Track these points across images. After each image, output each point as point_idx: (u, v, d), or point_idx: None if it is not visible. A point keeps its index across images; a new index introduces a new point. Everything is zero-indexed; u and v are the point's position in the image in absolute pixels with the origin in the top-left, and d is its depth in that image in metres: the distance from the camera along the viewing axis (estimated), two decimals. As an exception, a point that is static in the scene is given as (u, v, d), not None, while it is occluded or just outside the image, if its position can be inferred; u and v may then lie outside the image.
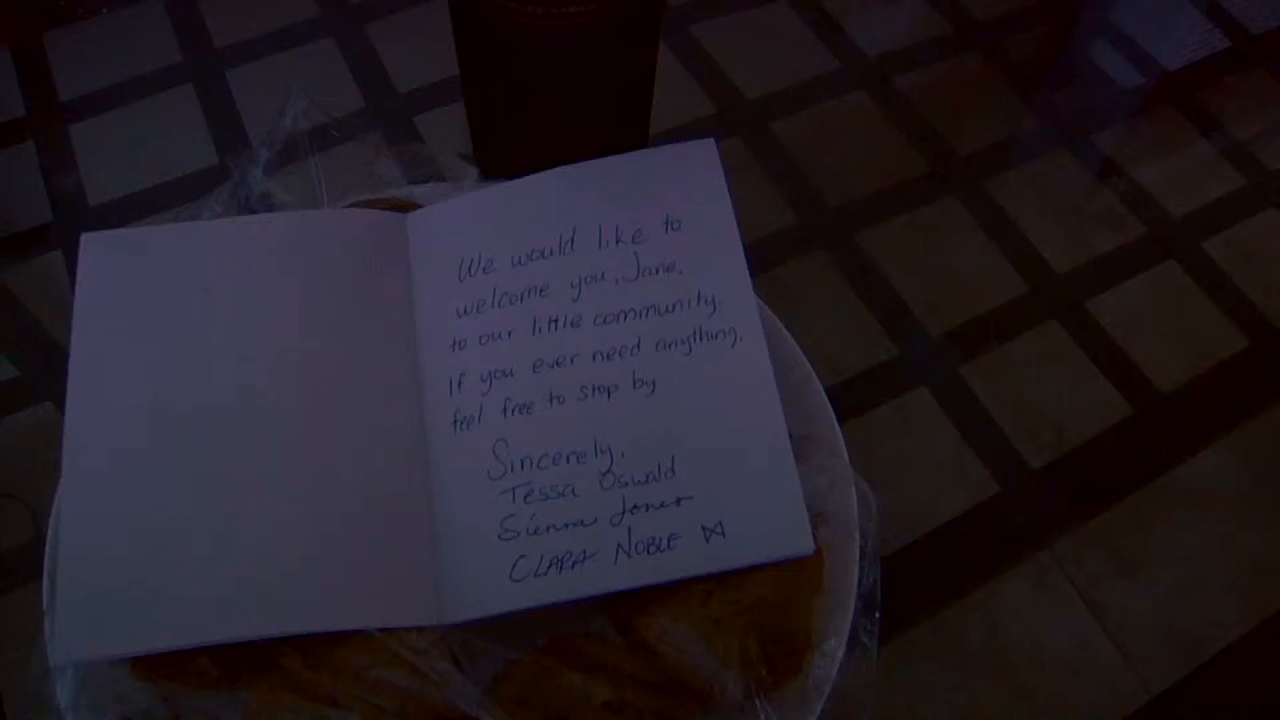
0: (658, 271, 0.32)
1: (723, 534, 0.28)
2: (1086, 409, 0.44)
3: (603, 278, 0.32)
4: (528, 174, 0.34)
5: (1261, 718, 0.38)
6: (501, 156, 0.38)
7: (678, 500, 0.29)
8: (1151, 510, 0.42)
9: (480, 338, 0.32)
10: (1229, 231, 0.51)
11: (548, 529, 0.29)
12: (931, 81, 0.55)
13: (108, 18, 0.56)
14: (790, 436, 0.30)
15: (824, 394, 0.33)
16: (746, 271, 0.32)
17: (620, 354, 0.31)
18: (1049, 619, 0.39)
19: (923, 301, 0.47)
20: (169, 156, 0.50)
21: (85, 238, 0.33)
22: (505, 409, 0.31)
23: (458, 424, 0.31)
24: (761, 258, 0.32)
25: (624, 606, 0.29)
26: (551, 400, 0.31)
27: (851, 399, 0.43)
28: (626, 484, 0.29)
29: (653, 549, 0.28)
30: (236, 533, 0.28)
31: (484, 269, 0.33)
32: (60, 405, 0.31)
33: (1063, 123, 0.55)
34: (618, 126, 0.38)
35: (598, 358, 0.31)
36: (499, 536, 0.29)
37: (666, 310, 0.32)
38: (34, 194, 0.49)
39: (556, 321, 0.32)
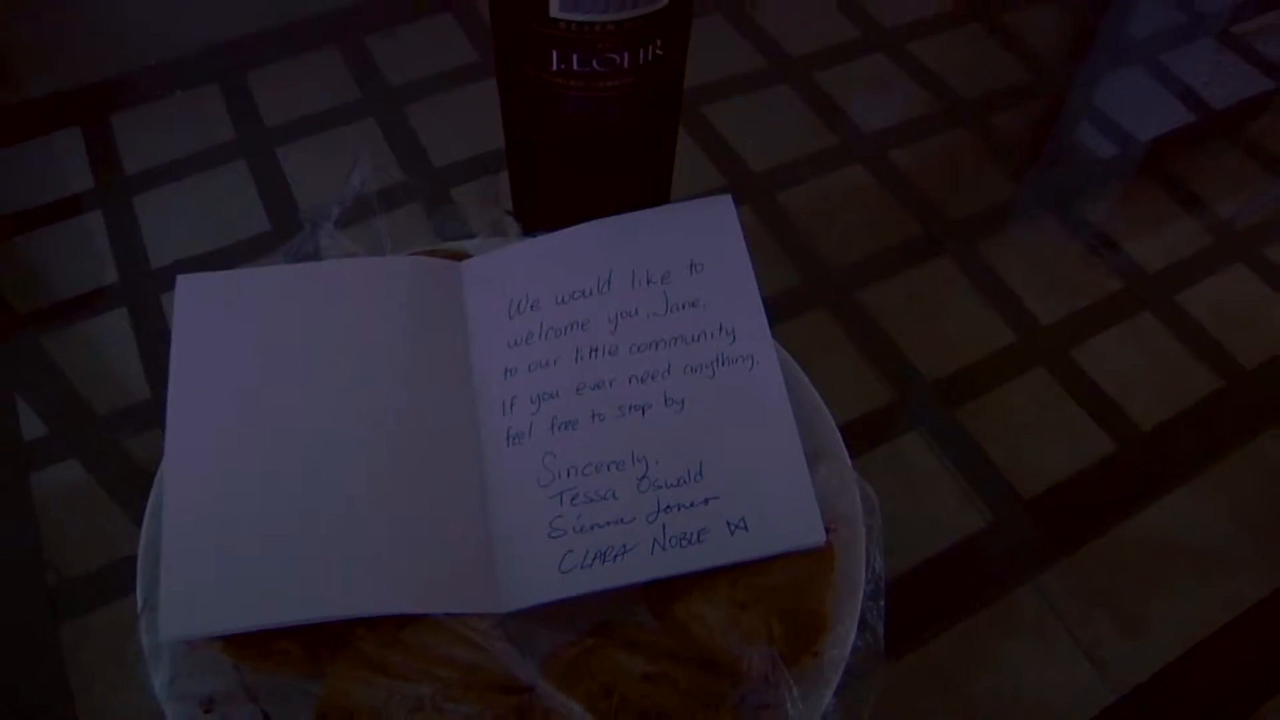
0: (684, 307, 0.38)
1: (745, 528, 0.33)
2: (1072, 446, 0.48)
3: (636, 313, 0.38)
4: (565, 227, 0.40)
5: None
6: (541, 213, 0.43)
7: (705, 500, 0.34)
8: (1133, 539, 0.47)
9: (529, 366, 0.37)
10: (1200, 284, 0.56)
11: (591, 527, 0.34)
12: (925, 156, 0.60)
13: (169, 100, 0.61)
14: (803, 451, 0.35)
15: (830, 416, 0.38)
16: (761, 306, 0.38)
17: (653, 377, 0.36)
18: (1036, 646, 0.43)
19: (918, 352, 0.51)
20: (224, 224, 0.55)
21: (180, 278, 0.39)
22: (553, 426, 0.36)
23: (510, 440, 0.36)
24: (769, 314, 0.38)
25: (659, 593, 0.33)
26: (593, 418, 0.36)
27: (852, 440, 0.48)
28: (660, 487, 0.34)
29: (684, 542, 0.33)
30: (321, 530, 0.33)
31: (531, 307, 0.38)
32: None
33: (1046, 191, 0.61)
34: (644, 186, 0.44)
35: (633, 381, 0.36)
36: (548, 535, 0.34)
37: (692, 340, 0.37)
38: (102, 258, 0.53)
39: (596, 351, 0.37)
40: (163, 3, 0.68)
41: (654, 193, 0.44)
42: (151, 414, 0.48)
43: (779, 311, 0.40)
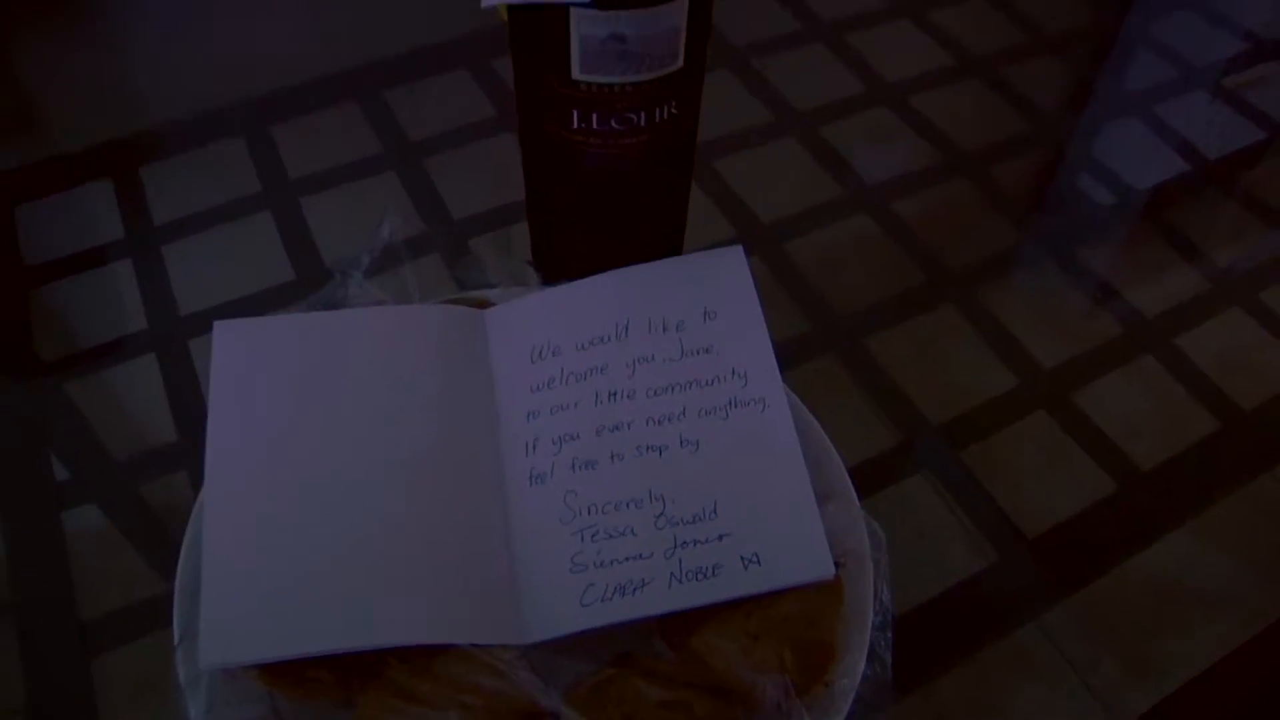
0: (698, 353, 0.40)
1: (758, 563, 0.35)
2: (1075, 487, 0.50)
3: (653, 358, 0.40)
4: (584, 277, 0.43)
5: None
6: (561, 262, 0.46)
7: (720, 536, 0.36)
8: (1136, 578, 0.48)
9: (551, 409, 0.39)
10: (1199, 329, 0.58)
11: (611, 562, 0.36)
12: (928, 206, 0.63)
13: (197, 153, 0.64)
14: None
15: (838, 457, 0.40)
16: (772, 351, 0.40)
17: (669, 420, 0.39)
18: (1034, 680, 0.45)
19: (924, 397, 0.53)
20: (250, 272, 0.56)
21: (218, 324, 0.41)
22: (573, 466, 0.38)
23: (533, 479, 0.38)
24: (780, 360, 0.40)
25: (677, 625, 0.35)
26: (612, 458, 0.38)
27: (860, 482, 0.50)
28: (677, 524, 0.36)
29: (700, 576, 0.35)
30: (354, 564, 0.35)
31: (553, 353, 0.41)
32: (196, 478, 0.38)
33: (1047, 240, 0.63)
34: (658, 236, 0.46)
35: (650, 423, 0.39)
36: (570, 570, 0.36)
37: (706, 384, 0.39)
38: (131, 305, 0.55)
39: (615, 394, 0.39)
40: (190, 60, 0.71)
41: (668, 243, 0.47)
42: (179, 456, 0.50)
43: (789, 358, 0.42)
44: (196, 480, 0.46)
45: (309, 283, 0.56)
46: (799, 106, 0.68)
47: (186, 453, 0.50)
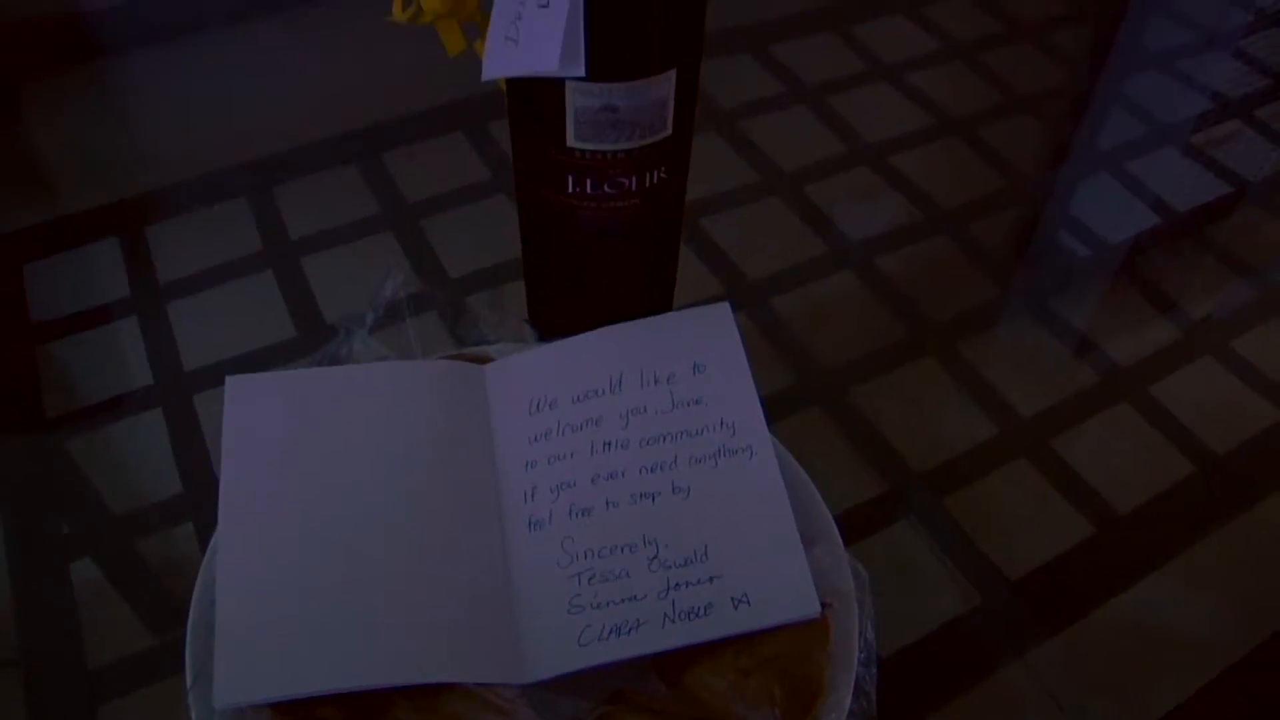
0: (688, 404, 0.43)
1: (748, 603, 0.38)
2: (1055, 530, 0.52)
3: (645, 410, 0.43)
4: (579, 333, 0.46)
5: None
6: (556, 319, 0.49)
7: (711, 578, 0.38)
8: (1115, 619, 0.50)
9: (548, 459, 0.42)
10: (1173, 377, 0.60)
11: (607, 604, 0.38)
12: (909, 262, 0.65)
13: (200, 213, 0.66)
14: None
15: (822, 502, 0.43)
16: (758, 402, 0.43)
17: (661, 468, 0.41)
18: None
19: (907, 446, 0.55)
20: (253, 329, 0.59)
21: (229, 379, 0.43)
22: (570, 513, 0.40)
23: (532, 525, 0.41)
24: (766, 412, 0.43)
25: (671, 663, 0.37)
26: (608, 505, 0.41)
27: (846, 529, 0.52)
28: (670, 567, 0.39)
29: (693, 616, 0.37)
30: (362, 606, 0.37)
31: (550, 406, 0.43)
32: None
33: (1024, 293, 0.66)
34: (649, 293, 0.49)
35: (643, 471, 0.41)
36: (568, 611, 0.38)
37: (696, 434, 0.42)
38: (138, 361, 0.57)
39: (610, 445, 0.42)
40: (194, 122, 0.74)
41: (659, 299, 0.50)
42: (184, 508, 0.52)
43: (775, 410, 0.44)
44: (202, 531, 0.49)
45: (310, 339, 0.59)
46: (783, 167, 0.71)
47: (192, 505, 0.52)
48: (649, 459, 0.41)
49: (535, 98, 0.41)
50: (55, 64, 0.77)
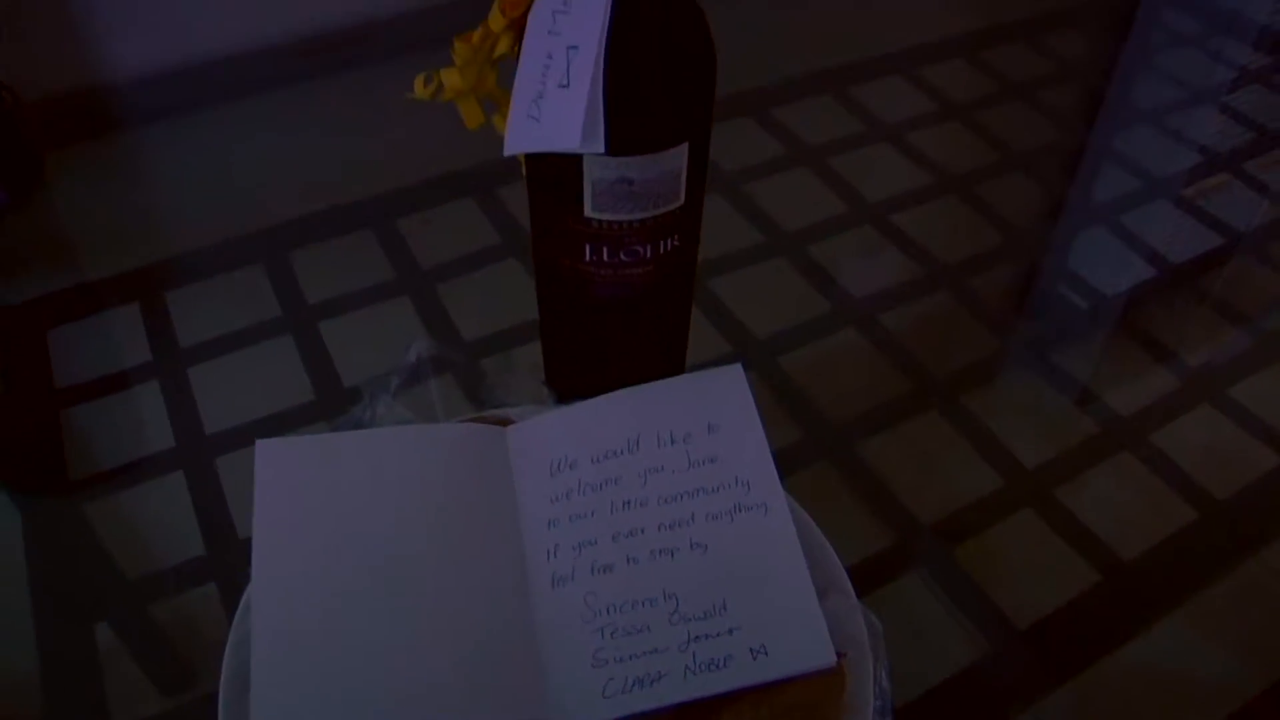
0: (704, 463, 0.45)
1: (766, 653, 0.39)
2: (1061, 579, 0.53)
3: (663, 469, 0.45)
4: (596, 395, 0.48)
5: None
6: (574, 381, 0.51)
7: (730, 630, 0.40)
8: (1124, 666, 0.51)
9: (570, 517, 0.44)
10: (1173, 425, 0.62)
11: (630, 657, 0.40)
12: (911, 318, 0.67)
13: (219, 279, 0.68)
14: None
15: (835, 554, 0.45)
16: (771, 460, 0.45)
17: (679, 525, 0.43)
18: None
19: (915, 499, 0.56)
20: (273, 394, 0.60)
21: (259, 443, 0.45)
22: (592, 569, 0.42)
23: (555, 582, 0.42)
24: (778, 467, 0.44)
25: (693, 713, 0.39)
26: (628, 561, 0.42)
27: (857, 581, 0.53)
28: (689, 620, 0.40)
29: (713, 667, 0.39)
30: (391, 663, 0.39)
31: (570, 466, 0.45)
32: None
33: (1024, 345, 0.68)
34: (662, 354, 0.52)
35: (662, 528, 0.43)
36: (592, 664, 0.40)
37: (712, 491, 0.44)
38: (160, 425, 0.59)
39: (629, 503, 0.44)
40: (213, 189, 0.77)
41: (671, 359, 0.52)
42: (207, 569, 0.53)
43: (785, 465, 0.45)
44: (226, 593, 0.51)
45: (329, 403, 0.61)
46: (787, 227, 0.74)
47: (214, 566, 0.53)
48: (667, 516, 0.43)
49: (554, 170, 0.43)
50: (79, 135, 0.80)
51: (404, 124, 0.76)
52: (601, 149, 0.39)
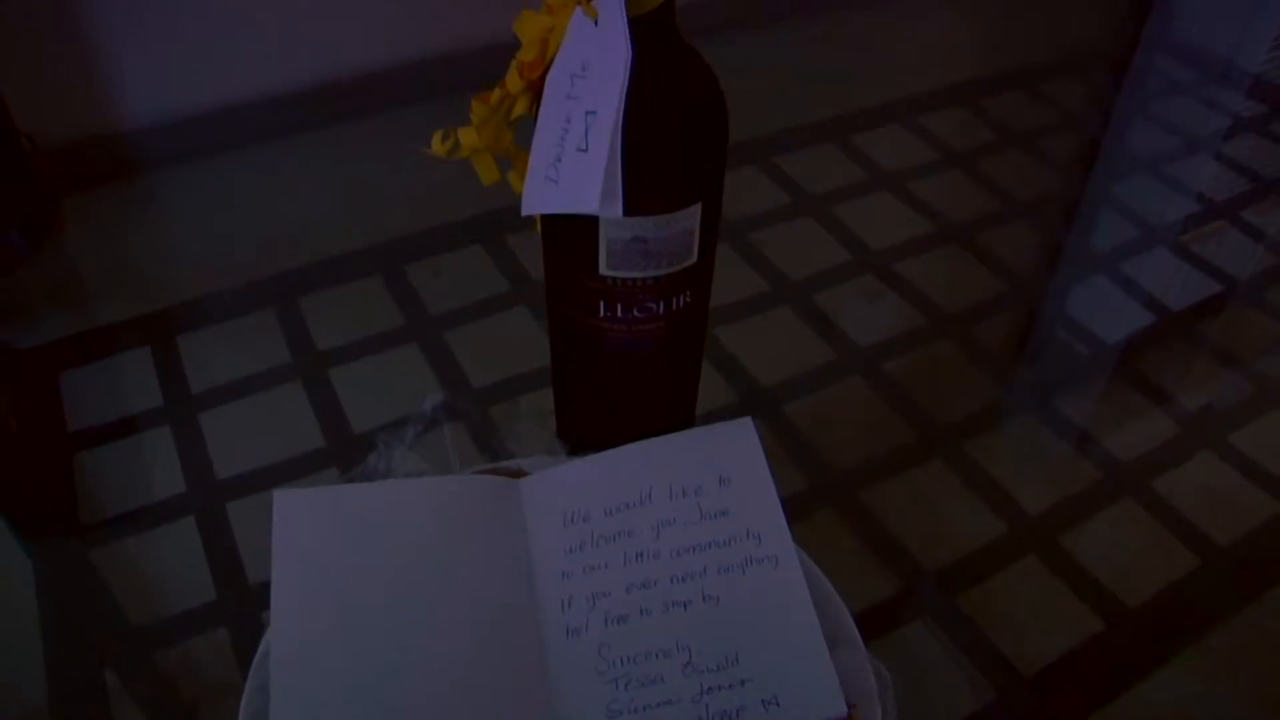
0: (715, 516, 0.46)
1: (778, 704, 0.40)
2: (1066, 626, 0.54)
3: (675, 522, 0.46)
4: (608, 447, 0.49)
5: None
6: (586, 432, 0.52)
7: (742, 682, 0.41)
8: (1132, 711, 0.52)
9: (584, 569, 0.45)
10: (1174, 471, 0.63)
11: (644, 708, 0.40)
12: (914, 365, 0.69)
13: (230, 324, 0.70)
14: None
15: (843, 605, 0.46)
16: (782, 513, 0.46)
17: (692, 577, 0.44)
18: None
19: (919, 546, 0.57)
20: (283, 440, 0.61)
21: (277, 494, 0.46)
22: (606, 621, 0.43)
23: (569, 634, 0.43)
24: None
25: (706, 764, 0.40)
26: (642, 613, 0.43)
27: (864, 628, 0.53)
28: (702, 672, 0.41)
29: (725, 718, 0.40)
30: (408, 713, 0.40)
31: (583, 519, 0.46)
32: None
33: (1025, 392, 0.70)
34: (672, 407, 0.53)
35: (675, 580, 0.44)
36: (606, 716, 0.41)
37: (724, 544, 0.45)
38: (171, 470, 0.60)
39: (642, 555, 0.45)
40: (225, 235, 0.78)
41: (681, 411, 0.53)
42: (219, 614, 0.54)
43: (791, 512, 0.46)
44: (237, 638, 0.52)
45: (339, 450, 0.62)
46: (791, 276, 0.75)
47: (226, 610, 0.54)
48: (680, 569, 0.44)
49: (569, 229, 0.44)
50: (95, 180, 0.82)
51: (414, 171, 0.78)
52: (620, 213, 0.40)
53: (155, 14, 0.82)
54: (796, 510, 0.56)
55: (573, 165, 0.40)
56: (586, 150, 0.39)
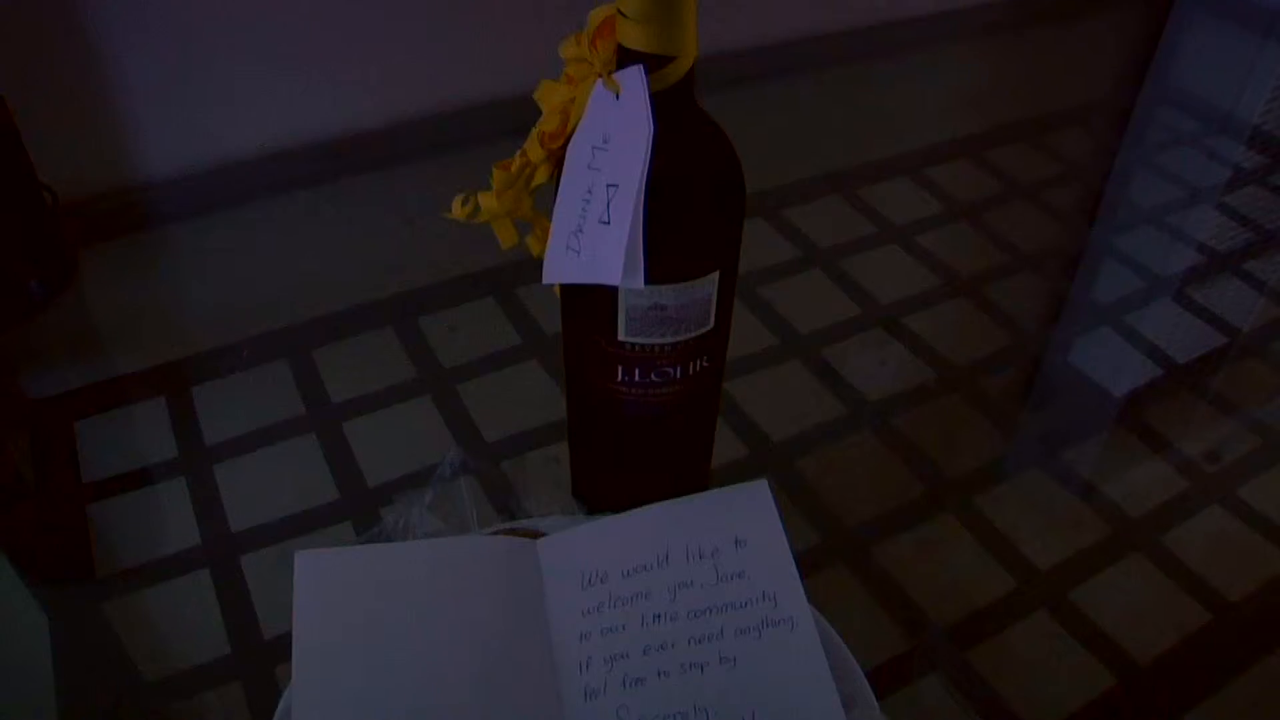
0: (732, 578, 0.47)
1: (795, 767, 0.41)
2: (1076, 681, 0.54)
3: (692, 584, 0.46)
4: (626, 509, 0.50)
5: None
6: (602, 492, 0.53)
7: (760, 744, 0.42)
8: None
9: (601, 631, 0.45)
10: (1183, 525, 0.64)
11: (663, 770, 0.41)
12: (922, 418, 0.69)
13: (244, 376, 0.70)
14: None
15: (857, 665, 0.46)
16: (797, 575, 0.46)
17: (708, 639, 0.45)
18: None
19: (930, 601, 0.58)
20: (297, 492, 0.61)
21: (298, 555, 0.47)
22: (624, 683, 0.44)
23: (587, 695, 0.44)
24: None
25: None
26: (659, 675, 0.44)
27: (877, 684, 0.52)
28: (720, 733, 0.42)
29: (744, 781, 0.41)
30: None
31: (601, 580, 0.47)
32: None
33: (1033, 444, 0.70)
34: (687, 467, 0.53)
35: (692, 642, 0.45)
36: (626, 778, 0.41)
37: (740, 606, 0.46)
38: (185, 521, 0.60)
39: (659, 617, 0.46)
40: (239, 286, 0.79)
41: (696, 470, 0.54)
42: (232, 668, 0.54)
43: (803, 568, 0.47)
44: (251, 691, 0.52)
45: (354, 503, 0.62)
46: (801, 329, 0.76)
47: (239, 665, 0.54)
48: (697, 631, 0.45)
49: (588, 295, 0.45)
50: (112, 231, 0.83)
51: (425, 224, 0.79)
52: (641, 284, 0.41)
53: (173, 71, 0.83)
54: (808, 565, 0.57)
55: (595, 237, 0.41)
56: (609, 223, 0.40)
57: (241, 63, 0.86)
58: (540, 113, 0.45)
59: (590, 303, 0.45)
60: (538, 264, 0.47)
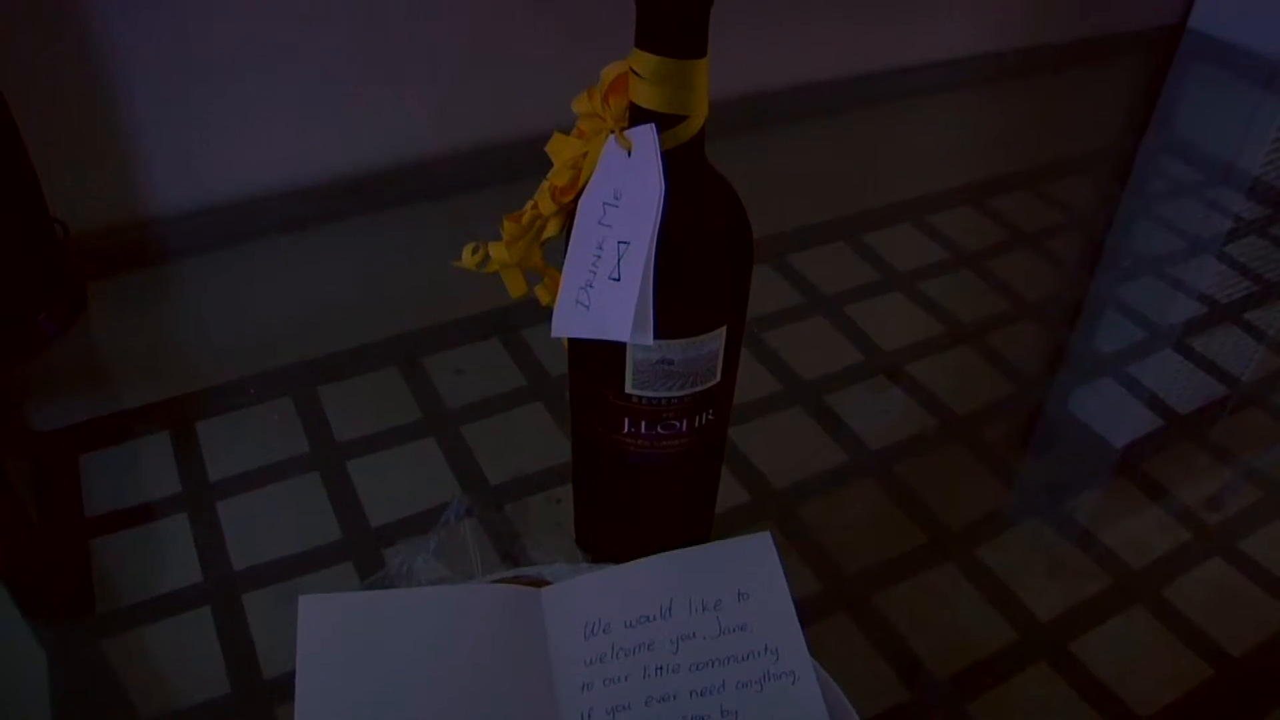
0: (734, 630, 0.47)
1: (795, 823, 0.41)
2: None
3: (694, 635, 0.47)
4: (629, 557, 0.50)
5: None
6: (606, 541, 0.53)
7: (760, 799, 0.42)
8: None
9: (604, 681, 0.46)
10: (1184, 578, 0.64)
11: (664, 824, 0.41)
12: (924, 466, 0.70)
13: (248, 412, 0.70)
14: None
15: (856, 715, 0.46)
16: (799, 629, 0.47)
17: (710, 692, 0.45)
18: None
19: (931, 651, 0.58)
20: (300, 531, 0.62)
21: (302, 599, 0.47)
22: (626, 735, 0.44)
23: (589, 747, 0.44)
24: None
25: None
26: (662, 728, 0.44)
27: None
28: (721, 789, 0.42)
29: (744, 837, 0.41)
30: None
31: (604, 630, 0.47)
32: None
33: (1034, 494, 0.71)
34: (692, 516, 0.54)
35: (694, 695, 0.45)
36: (627, 832, 0.41)
37: (742, 659, 0.46)
38: (187, 558, 0.60)
39: (662, 669, 0.46)
40: (246, 324, 0.80)
41: (700, 520, 0.54)
42: (232, 708, 0.54)
43: (803, 617, 0.47)
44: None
45: (356, 543, 0.62)
46: (804, 376, 0.76)
47: (239, 705, 0.54)
48: (699, 683, 0.45)
49: (596, 348, 0.46)
50: (120, 266, 0.84)
51: (431, 264, 0.80)
52: (650, 341, 0.41)
53: (184, 109, 0.85)
54: (809, 613, 0.57)
55: (605, 293, 0.42)
56: (619, 280, 0.41)
57: (253, 101, 0.87)
58: (550, 164, 0.46)
59: (598, 355, 0.46)
60: (545, 308, 0.47)
